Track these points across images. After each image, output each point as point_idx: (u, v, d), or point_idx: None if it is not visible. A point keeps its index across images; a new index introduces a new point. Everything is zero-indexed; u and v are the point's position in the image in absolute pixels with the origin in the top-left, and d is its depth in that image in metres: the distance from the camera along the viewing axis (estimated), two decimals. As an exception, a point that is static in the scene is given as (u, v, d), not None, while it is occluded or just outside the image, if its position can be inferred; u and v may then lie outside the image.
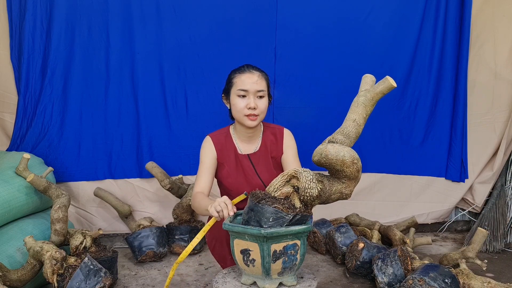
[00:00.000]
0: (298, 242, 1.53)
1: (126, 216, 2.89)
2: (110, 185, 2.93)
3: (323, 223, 2.85)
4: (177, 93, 2.96)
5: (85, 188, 2.91)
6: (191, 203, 2.07)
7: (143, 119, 2.93)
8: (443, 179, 3.18)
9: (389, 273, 2.12)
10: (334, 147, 1.46)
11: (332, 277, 2.45)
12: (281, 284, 1.57)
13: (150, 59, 2.90)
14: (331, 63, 3.01)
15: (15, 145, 2.83)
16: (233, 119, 2.07)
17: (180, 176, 2.94)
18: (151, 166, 2.83)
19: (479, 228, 2.31)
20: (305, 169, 1.52)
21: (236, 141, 2.07)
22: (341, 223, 2.77)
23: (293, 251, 1.52)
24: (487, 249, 2.88)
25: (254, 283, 1.59)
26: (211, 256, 2.52)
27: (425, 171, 3.17)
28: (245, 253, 1.54)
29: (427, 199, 3.18)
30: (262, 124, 2.11)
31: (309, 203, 1.54)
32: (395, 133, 3.14)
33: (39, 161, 2.66)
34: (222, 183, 2.09)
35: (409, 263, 2.15)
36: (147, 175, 2.93)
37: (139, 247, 2.61)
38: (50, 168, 2.46)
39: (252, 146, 2.07)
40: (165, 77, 2.94)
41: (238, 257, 1.57)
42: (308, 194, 1.49)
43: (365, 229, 2.71)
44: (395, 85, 1.56)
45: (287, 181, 1.55)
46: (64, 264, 1.97)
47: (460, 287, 1.97)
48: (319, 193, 1.51)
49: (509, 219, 2.99)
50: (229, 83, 2.00)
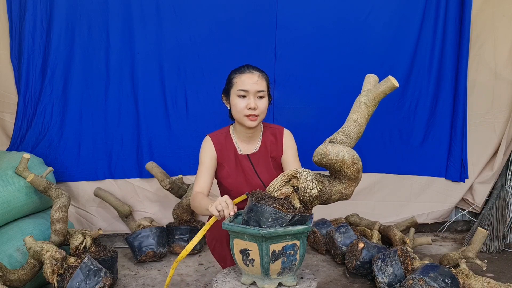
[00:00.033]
0: (297, 242, 1.52)
1: (126, 216, 2.89)
2: (110, 185, 2.93)
3: (323, 223, 2.85)
4: (177, 93, 2.96)
5: (85, 188, 2.91)
6: (190, 203, 2.07)
7: (143, 119, 2.94)
8: (443, 179, 3.18)
9: (389, 273, 2.12)
10: (334, 147, 1.45)
11: (332, 277, 2.45)
12: (281, 284, 1.57)
13: (150, 59, 2.90)
14: (331, 63, 3.01)
15: (15, 145, 2.83)
16: (233, 119, 2.07)
17: (180, 176, 2.94)
18: (151, 166, 2.83)
19: (479, 228, 2.31)
20: (305, 169, 1.51)
21: (236, 141, 2.07)
22: (341, 223, 2.77)
23: (292, 251, 1.51)
24: (487, 249, 2.88)
25: (253, 283, 1.59)
26: (211, 256, 2.52)
27: (425, 171, 3.17)
28: (244, 253, 1.54)
29: (427, 199, 3.18)
30: (262, 124, 2.11)
31: (309, 204, 1.53)
32: (395, 133, 3.14)
33: (39, 161, 2.66)
34: (222, 183, 2.08)
35: (409, 263, 2.15)
36: (147, 175, 2.93)
37: (139, 247, 2.62)
38: (50, 168, 2.46)
39: (252, 146, 2.07)
40: (165, 77, 2.94)
41: (237, 257, 1.57)
42: (307, 194, 1.49)
43: (365, 229, 2.71)
44: (398, 85, 1.55)
45: (287, 181, 1.54)
46: (64, 264, 1.97)
47: (460, 287, 1.97)
48: (318, 194, 1.50)
49: (509, 219, 2.99)
50: (229, 83, 2.00)
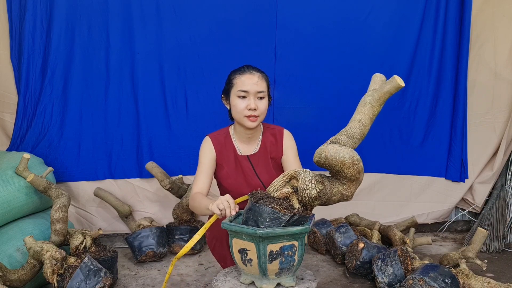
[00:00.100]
0: (295, 243, 1.51)
1: (126, 216, 2.89)
2: (110, 185, 2.93)
3: (323, 223, 2.85)
4: (177, 93, 2.96)
5: (85, 188, 2.91)
6: (189, 203, 2.06)
7: (143, 119, 2.94)
8: (443, 179, 3.18)
9: (389, 273, 2.12)
10: (334, 148, 1.45)
11: (332, 277, 2.45)
12: (279, 285, 1.56)
13: (150, 59, 2.90)
14: (331, 63, 3.01)
15: (15, 145, 2.83)
16: (232, 120, 2.07)
17: (180, 176, 2.94)
18: (151, 166, 2.83)
19: (479, 228, 2.31)
20: (305, 170, 1.50)
21: (235, 142, 2.07)
22: (341, 223, 2.77)
23: (290, 252, 1.50)
24: (487, 249, 2.88)
25: (252, 283, 1.59)
26: (211, 256, 2.52)
27: (425, 171, 3.17)
28: (242, 252, 1.53)
29: (427, 199, 3.18)
30: (261, 125, 2.10)
31: (308, 204, 1.52)
32: (395, 133, 3.14)
33: (39, 161, 2.66)
34: (221, 184, 2.08)
35: (409, 263, 2.14)
36: (147, 175, 2.93)
37: (139, 247, 2.62)
38: (50, 168, 2.46)
39: (251, 147, 2.07)
40: (165, 77, 2.94)
41: (236, 256, 1.57)
42: (306, 194, 1.48)
43: (365, 229, 2.71)
44: (403, 85, 1.53)
45: (287, 181, 1.53)
46: (64, 264, 1.97)
47: (460, 287, 1.97)
48: (318, 194, 1.49)
49: (509, 219, 2.99)
50: (229, 84, 2.00)
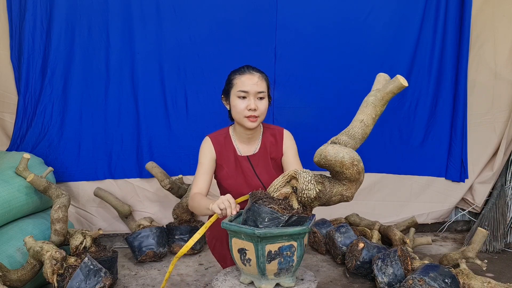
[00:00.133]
0: (294, 243, 1.50)
1: (126, 216, 2.89)
2: (110, 185, 2.93)
3: (323, 223, 2.85)
4: (177, 93, 2.96)
5: (85, 188, 2.91)
6: (188, 203, 2.07)
7: (143, 119, 2.94)
8: (443, 179, 3.18)
9: (389, 273, 2.12)
10: (333, 148, 1.44)
11: (332, 277, 2.45)
12: (278, 285, 1.56)
13: (150, 59, 2.90)
14: (331, 63, 3.01)
15: (15, 145, 2.83)
16: (232, 120, 2.06)
17: (180, 176, 2.94)
18: (151, 166, 2.83)
19: (479, 228, 2.31)
20: (305, 170, 1.50)
21: (235, 142, 2.06)
22: (341, 223, 2.77)
23: (289, 252, 1.50)
24: (487, 249, 2.88)
25: (252, 283, 1.59)
26: (211, 256, 2.52)
27: (425, 171, 3.17)
28: (241, 252, 1.53)
29: (427, 199, 3.18)
30: (261, 125, 2.10)
31: (308, 205, 1.51)
32: (395, 133, 3.14)
33: (39, 161, 2.66)
34: (221, 184, 2.08)
35: (409, 263, 2.14)
36: (147, 175, 2.93)
37: (139, 247, 2.62)
38: (50, 168, 2.46)
39: (251, 147, 2.07)
40: (165, 77, 2.94)
41: (236, 256, 1.57)
42: (305, 195, 1.47)
43: (365, 229, 2.71)
44: (406, 84, 1.52)
45: (288, 181, 1.53)
46: (64, 264, 1.97)
47: (460, 287, 1.97)
48: (317, 195, 1.49)
49: (509, 219, 2.99)
50: (229, 84, 1.99)
